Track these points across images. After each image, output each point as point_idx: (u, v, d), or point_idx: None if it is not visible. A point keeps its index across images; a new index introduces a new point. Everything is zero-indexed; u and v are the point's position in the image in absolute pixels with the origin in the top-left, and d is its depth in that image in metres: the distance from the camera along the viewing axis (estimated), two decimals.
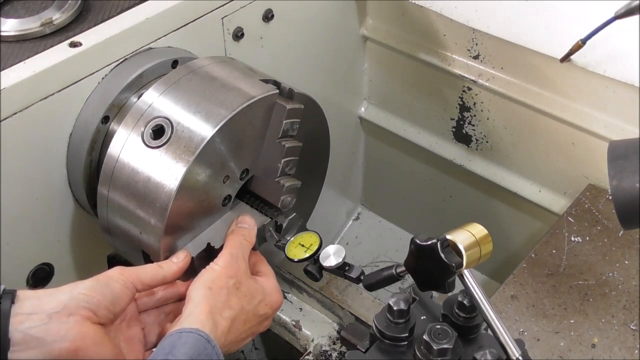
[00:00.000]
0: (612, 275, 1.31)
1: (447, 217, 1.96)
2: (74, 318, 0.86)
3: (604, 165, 0.95)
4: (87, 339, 0.86)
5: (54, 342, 0.84)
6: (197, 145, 1.01)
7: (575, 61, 1.38)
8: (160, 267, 1.00)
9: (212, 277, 0.97)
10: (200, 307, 0.93)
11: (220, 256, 1.01)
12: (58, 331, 0.85)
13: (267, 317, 1.05)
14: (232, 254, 1.02)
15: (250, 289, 1.01)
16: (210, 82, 1.09)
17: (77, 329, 0.86)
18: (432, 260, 0.94)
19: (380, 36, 1.75)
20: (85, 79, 1.14)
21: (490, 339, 0.96)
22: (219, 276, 0.98)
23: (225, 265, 0.99)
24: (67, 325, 0.85)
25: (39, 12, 1.19)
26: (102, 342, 0.88)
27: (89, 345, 0.86)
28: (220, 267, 0.99)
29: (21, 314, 0.84)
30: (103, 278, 0.92)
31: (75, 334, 0.85)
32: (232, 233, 1.07)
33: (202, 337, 0.87)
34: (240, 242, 1.05)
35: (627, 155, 0.93)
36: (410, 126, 1.86)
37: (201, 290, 0.95)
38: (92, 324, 0.88)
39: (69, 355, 0.85)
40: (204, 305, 0.93)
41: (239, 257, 1.02)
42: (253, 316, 1.01)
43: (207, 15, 1.29)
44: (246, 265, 1.03)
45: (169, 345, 0.86)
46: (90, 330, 0.87)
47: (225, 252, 1.02)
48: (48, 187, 1.17)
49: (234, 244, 1.04)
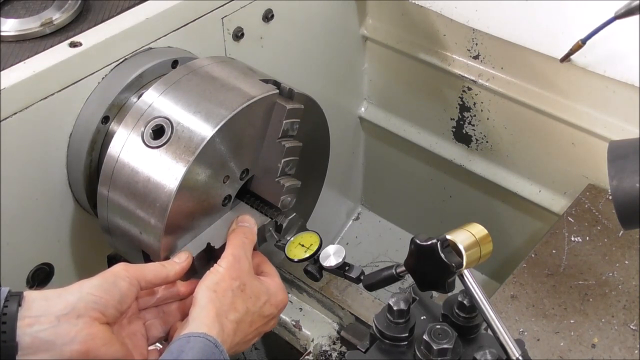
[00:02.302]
0: (612, 275, 1.31)
1: (447, 217, 1.96)
2: (82, 320, 0.86)
3: (604, 165, 0.95)
4: (96, 339, 0.86)
5: (64, 345, 0.84)
6: (197, 145, 1.01)
7: (575, 61, 1.38)
8: (164, 267, 1.00)
9: (217, 279, 0.97)
10: (206, 311, 0.93)
11: (223, 257, 1.01)
12: (68, 333, 0.84)
13: (273, 317, 1.05)
14: (235, 255, 1.02)
15: (255, 290, 1.01)
16: (210, 82, 1.09)
17: (87, 330, 0.85)
18: (432, 260, 0.94)
19: (380, 36, 1.75)
20: (85, 79, 1.14)
21: (490, 339, 0.96)
22: (223, 278, 0.98)
23: (229, 267, 0.99)
24: (77, 327, 0.85)
25: (39, 12, 1.19)
26: (111, 342, 0.88)
27: (99, 345, 0.86)
28: (224, 269, 0.99)
29: (29, 317, 0.84)
30: (110, 276, 0.92)
31: (85, 336, 0.85)
32: (233, 232, 1.07)
33: (210, 341, 0.88)
34: (242, 241, 1.05)
35: (627, 155, 0.93)
36: (410, 126, 1.86)
37: (206, 293, 0.95)
38: (101, 324, 0.88)
39: (79, 357, 0.85)
40: (210, 309, 0.93)
41: (242, 258, 1.02)
42: (259, 317, 1.01)
43: (207, 15, 1.29)
44: (249, 265, 1.03)
45: (177, 350, 0.86)
46: (99, 331, 0.87)
47: (228, 253, 1.02)
48: (48, 187, 1.17)
49: (236, 244, 1.04)
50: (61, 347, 0.84)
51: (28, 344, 0.83)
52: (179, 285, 1.03)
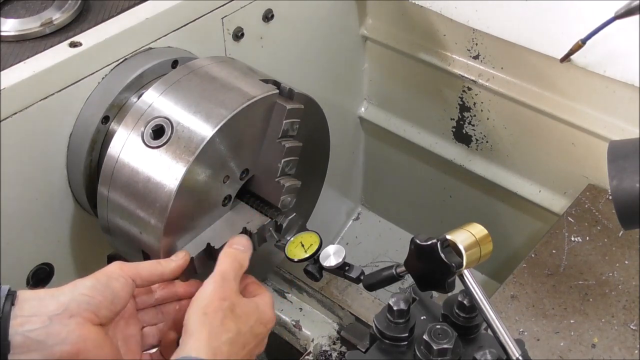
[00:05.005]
0: (612, 275, 1.31)
1: (447, 217, 1.96)
2: (75, 320, 0.85)
3: (604, 165, 0.95)
4: (88, 341, 0.86)
5: (55, 345, 0.84)
6: (197, 145, 1.01)
7: (575, 61, 1.38)
8: (159, 264, 0.99)
9: (205, 302, 0.94)
10: (197, 334, 0.90)
11: (211, 277, 0.98)
12: (59, 334, 0.84)
13: (262, 337, 1.02)
14: (223, 276, 0.98)
15: (245, 309, 0.98)
16: (210, 82, 1.09)
17: (78, 331, 0.85)
18: (432, 260, 0.94)
19: (380, 36, 1.75)
20: (85, 79, 1.14)
21: (490, 339, 0.96)
22: (212, 300, 0.95)
23: (217, 288, 0.96)
24: (68, 328, 0.85)
25: (39, 12, 1.19)
26: (102, 344, 0.88)
27: (90, 347, 0.86)
28: (212, 290, 0.96)
29: (21, 316, 0.84)
30: (103, 277, 0.91)
31: (77, 337, 0.85)
32: (225, 254, 1.03)
33: None
34: (231, 263, 1.01)
35: (627, 155, 0.94)
36: (410, 126, 1.86)
37: (197, 317, 0.92)
38: (93, 325, 0.87)
39: (69, 357, 0.84)
40: (201, 332, 0.91)
41: (230, 279, 0.98)
42: (250, 337, 0.98)
43: (207, 15, 1.29)
44: (237, 285, 1.00)
45: None
46: (91, 333, 0.86)
47: (216, 273, 0.99)
48: (48, 187, 1.17)
49: (225, 265, 1.00)
50: (52, 348, 0.84)
51: (20, 343, 0.83)
52: (177, 286, 1.03)
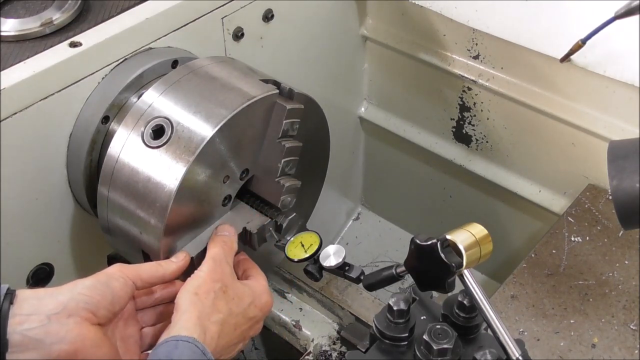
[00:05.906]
0: (612, 275, 1.31)
1: (447, 217, 1.96)
2: (73, 319, 0.86)
3: (604, 165, 0.95)
4: (86, 340, 0.86)
5: (53, 344, 0.84)
6: (197, 145, 1.01)
7: (575, 61, 1.38)
8: (160, 265, 1.00)
9: (198, 283, 0.97)
10: (188, 314, 0.92)
11: (203, 263, 1.01)
12: (57, 333, 0.84)
13: (257, 320, 1.04)
14: (215, 259, 1.01)
15: (238, 292, 1.01)
16: (210, 82, 1.09)
17: (77, 330, 0.85)
18: (432, 260, 0.94)
19: (380, 36, 1.75)
20: (85, 79, 1.14)
21: (490, 339, 0.96)
22: (204, 281, 0.97)
23: (209, 270, 0.99)
24: (67, 327, 0.85)
25: (39, 12, 1.19)
26: (100, 344, 0.88)
27: (88, 347, 0.86)
28: (205, 272, 0.99)
29: (20, 315, 0.84)
30: (103, 277, 0.92)
31: (75, 336, 0.85)
32: (213, 240, 1.06)
33: (199, 348, 0.87)
34: (222, 247, 1.04)
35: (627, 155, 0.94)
36: (410, 126, 1.86)
37: (188, 297, 0.94)
38: (92, 325, 0.87)
39: (67, 356, 0.84)
40: (192, 312, 0.92)
41: (222, 262, 1.01)
42: (243, 319, 1.00)
43: (207, 15, 1.29)
44: (231, 269, 1.03)
45: (165, 354, 0.86)
46: (89, 332, 0.86)
47: (208, 257, 1.02)
48: (48, 187, 1.17)
49: (216, 249, 1.03)
50: (50, 347, 0.84)
51: (18, 341, 0.83)
52: (177, 286, 1.03)
